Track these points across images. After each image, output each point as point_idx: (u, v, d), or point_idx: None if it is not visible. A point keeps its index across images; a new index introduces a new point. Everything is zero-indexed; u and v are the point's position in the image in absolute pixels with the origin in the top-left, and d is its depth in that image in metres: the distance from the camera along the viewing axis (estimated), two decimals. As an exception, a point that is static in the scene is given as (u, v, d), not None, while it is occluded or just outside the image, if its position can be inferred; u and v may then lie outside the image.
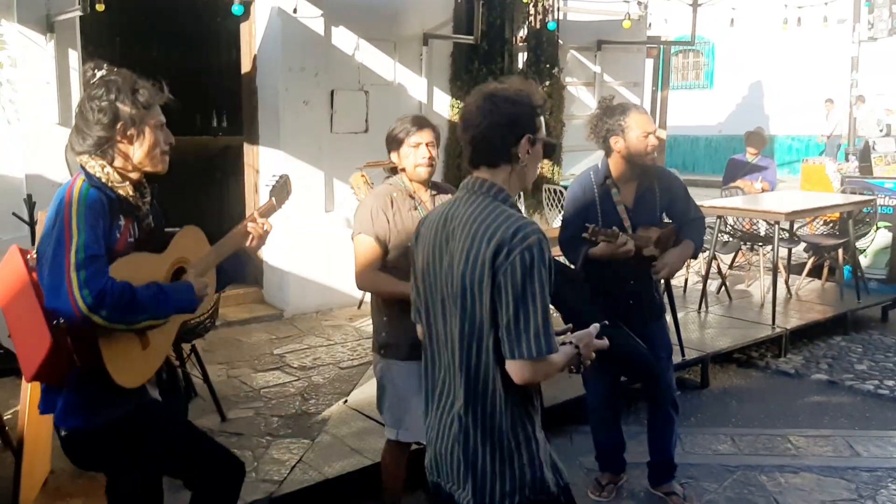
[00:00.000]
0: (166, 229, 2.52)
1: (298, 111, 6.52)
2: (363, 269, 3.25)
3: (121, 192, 2.35)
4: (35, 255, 2.34)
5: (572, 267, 3.73)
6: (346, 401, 4.74)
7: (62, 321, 2.19)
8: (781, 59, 19.19)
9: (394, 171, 3.38)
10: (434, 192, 3.38)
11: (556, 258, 3.79)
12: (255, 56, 6.67)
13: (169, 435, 2.53)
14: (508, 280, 1.91)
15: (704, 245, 6.86)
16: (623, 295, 3.70)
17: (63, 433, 2.41)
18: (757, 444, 4.63)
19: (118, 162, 2.36)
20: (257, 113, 6.73)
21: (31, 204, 4.70)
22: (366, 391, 4.82)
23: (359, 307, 6.68)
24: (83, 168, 2.34)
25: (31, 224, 4.65)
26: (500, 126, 2.04)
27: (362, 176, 5.78)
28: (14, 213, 4.72)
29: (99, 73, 2.38)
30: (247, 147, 6.88)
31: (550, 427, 4.67)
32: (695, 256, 3.98)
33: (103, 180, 2.32)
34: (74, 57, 5.60)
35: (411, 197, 3.30)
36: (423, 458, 3.59)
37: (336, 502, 3.81)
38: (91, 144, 2.33)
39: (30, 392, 3.25)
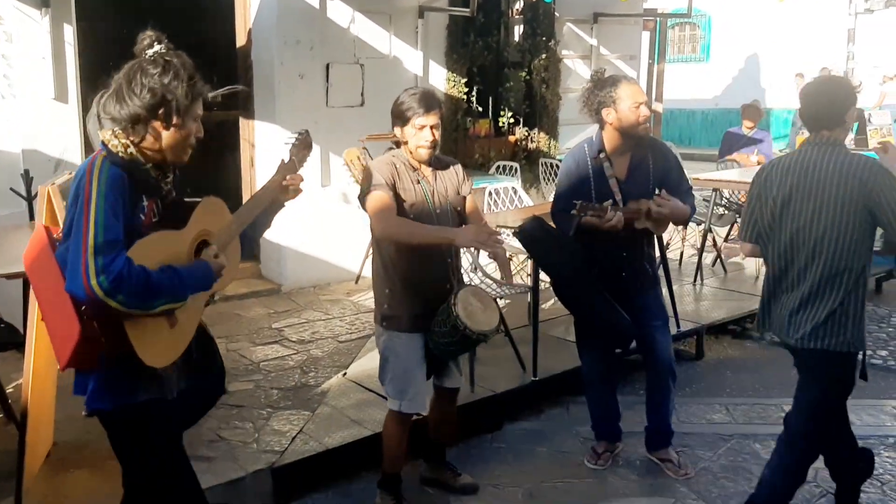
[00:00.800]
0: (186, 199, 2.44)
1: (294, 85, 6.49)
2: (384, 213, 3.16)
3: (143, 171, 2.27)
4: (62, 233, 2.27)
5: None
6: (345, 373, 4.78)
7: (85, 307, 2.13)
8: (778, 31, 19.09)
9: (397, 143, 3.38)
10: (434, 168, 3.39)
11: (550, 226, 3.83)
12: (249, 30, 6.63)
13: (154, 442, 2.41)
14: (882, 194, 2.92)
15: (700, 218, 6.92)
16: (616, 266, 3.74)
17: (84, 414, 2.35)
18: (751, 414, 4.70)
19: (147, 142, 2.28)
20: (252, 87, 6.71)
21: (28, 179, 4.70)
22: (364, 364, 4.86)
23: (356, 282, 6.70)
24: (104, 145, 2.25)
25: (30, 199, 4.66)
26: (836, 103, 3.09)
27: (357, 153, 5.76)
28: (12, 189, 4.72)
29: (157, 47, 2.28)
30: (242, 121, 6.85)
31: (547, 397, 4.77)
32: (686, 222, 4.13)
33: (126, 160, 2.23)
34: (70, 31, 5.56)
35: (414, 170, 3.32)
36: (422, 429, 3.67)
37: (337, 472, 3.86)
38: (126, 116, 2.23)
39: (32, 365, 3.27)
